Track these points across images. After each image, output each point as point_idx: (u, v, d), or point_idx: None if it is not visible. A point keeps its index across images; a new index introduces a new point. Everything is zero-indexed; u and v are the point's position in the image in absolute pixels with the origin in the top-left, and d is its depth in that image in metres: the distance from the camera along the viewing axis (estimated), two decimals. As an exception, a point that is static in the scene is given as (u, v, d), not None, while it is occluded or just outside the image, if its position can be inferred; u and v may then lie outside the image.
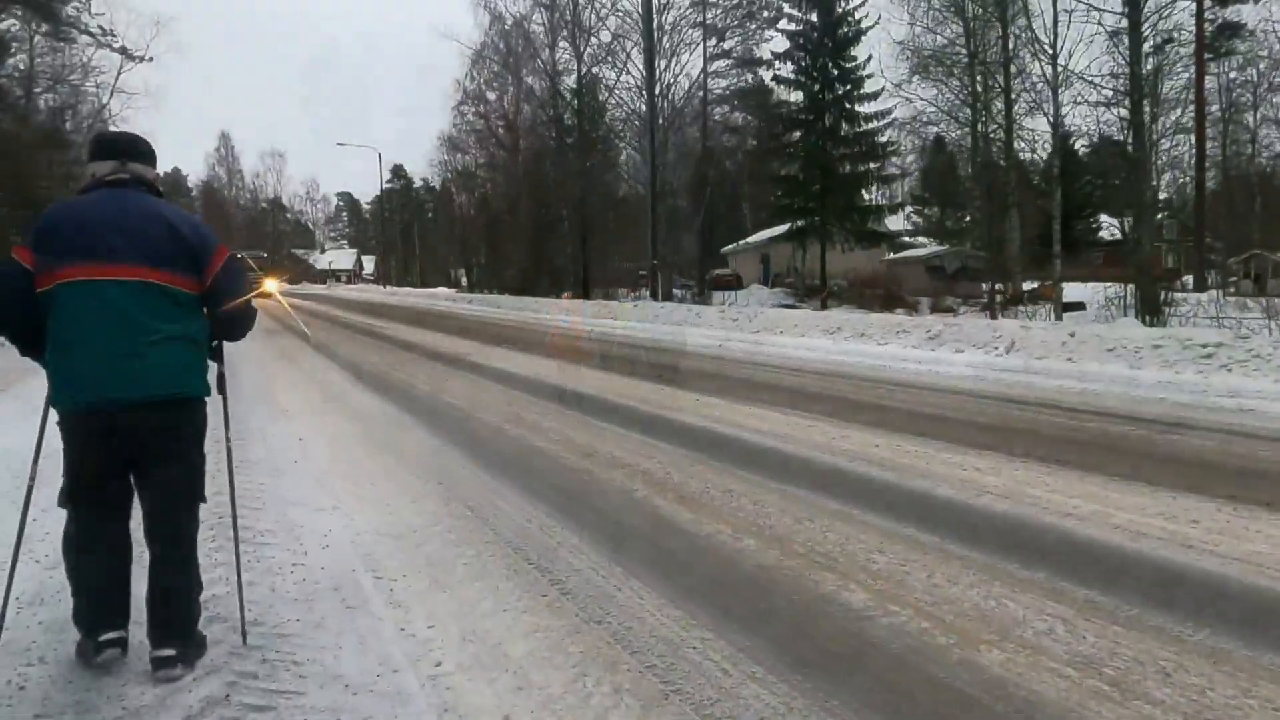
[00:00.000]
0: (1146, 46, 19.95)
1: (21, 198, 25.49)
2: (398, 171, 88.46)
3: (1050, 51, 19.31)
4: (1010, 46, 25.74)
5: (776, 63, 30.81)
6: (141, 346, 2.38)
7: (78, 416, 2.39)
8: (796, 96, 31.17)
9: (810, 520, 3.85)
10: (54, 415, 2.47)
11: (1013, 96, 25.95)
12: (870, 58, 29.34)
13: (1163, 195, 33.28)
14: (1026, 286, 29.37)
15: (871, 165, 29.76)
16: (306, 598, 2.96)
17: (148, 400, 2.40)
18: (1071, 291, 28.34)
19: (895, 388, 8.15)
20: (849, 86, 29.40)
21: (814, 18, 29.38)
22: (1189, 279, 31.22)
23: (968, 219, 44.40)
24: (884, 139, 29.85)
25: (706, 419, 6.54)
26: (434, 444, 5.85)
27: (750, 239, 40.19)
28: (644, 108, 30.73)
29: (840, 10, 29.03)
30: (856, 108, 29.51)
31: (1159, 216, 29.43)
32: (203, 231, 2.58)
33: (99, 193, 2.48)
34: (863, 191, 30.35)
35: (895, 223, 38.09)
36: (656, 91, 27.75)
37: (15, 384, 7.64)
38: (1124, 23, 19.54)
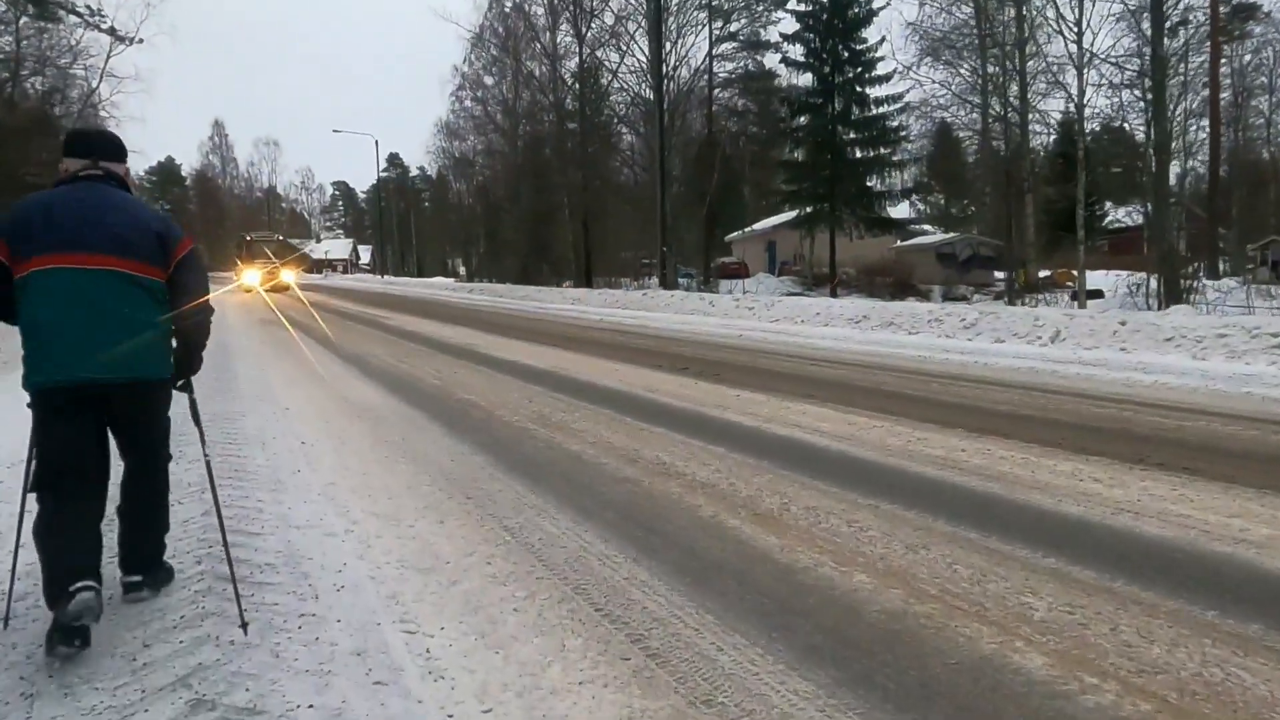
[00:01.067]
0: (1167, 26, 19.28)
1: (10, 185, 24.66)
2: (393, 160, 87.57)
3: (1076, 30, 18.59)
4: (1026, 27, 25.04)
5: (785, 44, 30.05)
6: (109, 331, 2.49)
7: (48, 395, 2.49)
8: (805, 80, 30.45)
9: (925, 548, 3.18)
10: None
11: (1028, 79, 25.26)
12: (883, 39, 28.60)
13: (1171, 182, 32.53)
14: (1040, 274, 28.74)
15: (883, 150, 29.00)
16: (320, 668, 2.27)
17: (114, 382, 2.53)
18: (1094, 279, 27.73)
19: (950, 381, 7.48)
20: (860, 69, 28.67)
21: (824, -2, 28.62)
22: (1197, 266, 30.58)
23: (971, 208, 43.78)
24: (895, 123, 29.10)
25: (755, 418, 5.87)
26: (455, 448, 5.17)
27: (756, 226, 39.44)
28: (648, 91, 29.95)
29: (851, -10, 28.27)
30: (867, 91, 28.79)
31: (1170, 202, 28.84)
32: (169, 223, 2.75)
33: (71, 186, 2.60)
34: (875, 177, 29.55)
35: (900, 210, 37.41)
36: (657, 72, 26.91)
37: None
38: (1145, 1, 18.87)
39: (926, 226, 42.83)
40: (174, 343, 2.76)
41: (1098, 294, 23.69)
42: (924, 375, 7.94)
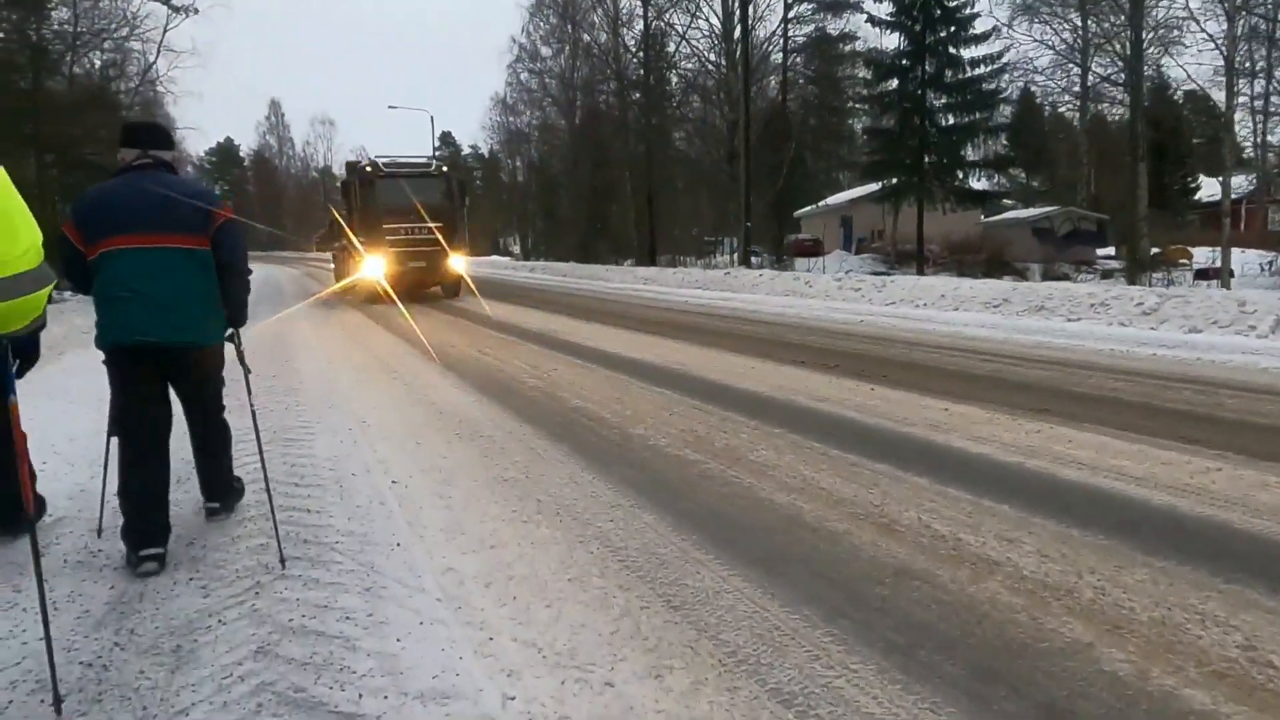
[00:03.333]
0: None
1: (69, 161, 23.91)
2: (446, 138, 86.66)
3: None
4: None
5: (869, 2, 27.75)
6: (168, 300, 2.91)
7: (118, 355, 2.96)
8: (891, 41, 28.14)
9: None
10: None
11: (1144, 34, 22.72)
12: (979, -7, 26.09)
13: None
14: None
15: (978, 115, 26.58)
16: None
17: (174, 344, 2.97)
18: (1201, 256, 25.15)
19: (1202, 388, 5.69)
20: (953, 28, 26.24)
21: (915, -50, 26.21)
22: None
23: (1047, 182, 40.78)
24: (991, 87, 26.63)
25: (1003, 447, 4.22)
26: (607, 496, 3.64)
27: (830, 200, 37.19)
28: (717, 58, 28.01)
29: (945, -59, 25.83)
30: (961, 52, 26.39)
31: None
32: (210, 197, 3.11)
33: (127, 175, 3.01)
34: (968, 146, 27.18)
35: (979, 183, 34.84)
36: (742, 32, 24.94)
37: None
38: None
39: (1007, 200, 40.03)
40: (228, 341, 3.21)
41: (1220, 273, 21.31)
42: (1152, 377, 6.16)
